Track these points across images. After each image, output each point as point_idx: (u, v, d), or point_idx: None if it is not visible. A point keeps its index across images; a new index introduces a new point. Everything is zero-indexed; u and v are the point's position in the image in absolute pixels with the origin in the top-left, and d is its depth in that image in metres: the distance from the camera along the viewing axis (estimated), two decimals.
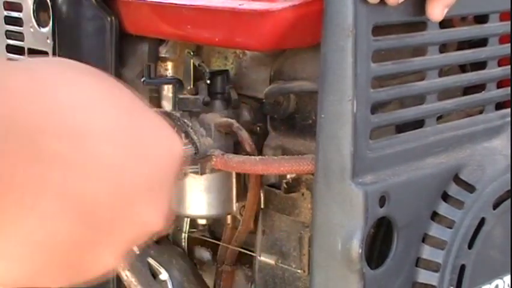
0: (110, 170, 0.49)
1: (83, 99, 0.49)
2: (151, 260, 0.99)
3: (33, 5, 1.00)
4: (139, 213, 0.51)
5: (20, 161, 0.44)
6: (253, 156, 0.89)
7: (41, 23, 1.00)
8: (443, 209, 0.87)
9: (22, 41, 1.03)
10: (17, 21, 1.03)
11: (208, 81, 0.96)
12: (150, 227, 0.52)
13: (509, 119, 0.97)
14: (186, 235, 1.07)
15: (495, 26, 0.93)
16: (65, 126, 0.47)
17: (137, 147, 0.51)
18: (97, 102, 0.50)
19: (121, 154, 0.50)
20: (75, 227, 0.48)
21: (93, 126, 0.49)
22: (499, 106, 0.97)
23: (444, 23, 0.88)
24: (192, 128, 0.91)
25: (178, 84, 0.97)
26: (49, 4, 0.98)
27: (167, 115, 0.92)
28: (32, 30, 1.00)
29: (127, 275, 0.96)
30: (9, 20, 1.04)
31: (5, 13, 1.04)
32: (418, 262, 0.86)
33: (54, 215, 0.47)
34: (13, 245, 0.47)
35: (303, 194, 0.94)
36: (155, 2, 0.95)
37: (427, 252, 0.86)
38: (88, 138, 0.48)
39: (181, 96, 0.96)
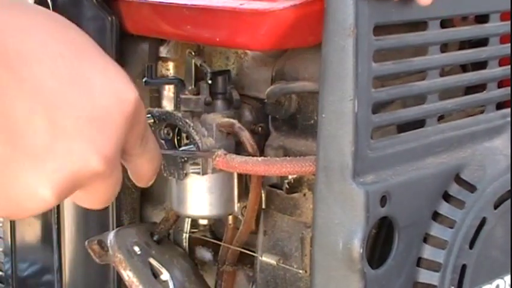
0: (45, 94, 0.49)
1: (26, 26, 0.50)
2: (152, 260, 0.99)
3: None
4: (73, 147, 0.51)
5: None
6: (255, 157, 0.89)
7: None
8: (444, 208, 0.87)
9: None
10: None
11: (210, 82, 0.96)
12: (86, 163, 0.51)
13: (510, 118, 0.97)
14: (187, 235, 1.07)
15: (496, 26, 0.93)
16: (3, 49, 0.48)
17: (80, 80, 0.51)
18: (43, 34, 0.51)
19: (60, 81, 0.50)
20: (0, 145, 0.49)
21: (34, 52, 0.49)
22: (500, 106, 0.97)
23: (445, 23, 0.88)
24: (193, 128, 0.91)
25: (179, 84, 0.97)
26: (49, 4, 0.97)
27: (169, 115, 0.92)
28: None
29: (128, 275, 0.96)
30: None
31: None
32: (419, 262, 0.86)
33: None
34: None
35: (304, 195, 0.94)
36: (156, 1, 0.95)
37: (428, 252, 0.86)
38: (26, 61, 0.49)
39: (182, 96, 0.96)
